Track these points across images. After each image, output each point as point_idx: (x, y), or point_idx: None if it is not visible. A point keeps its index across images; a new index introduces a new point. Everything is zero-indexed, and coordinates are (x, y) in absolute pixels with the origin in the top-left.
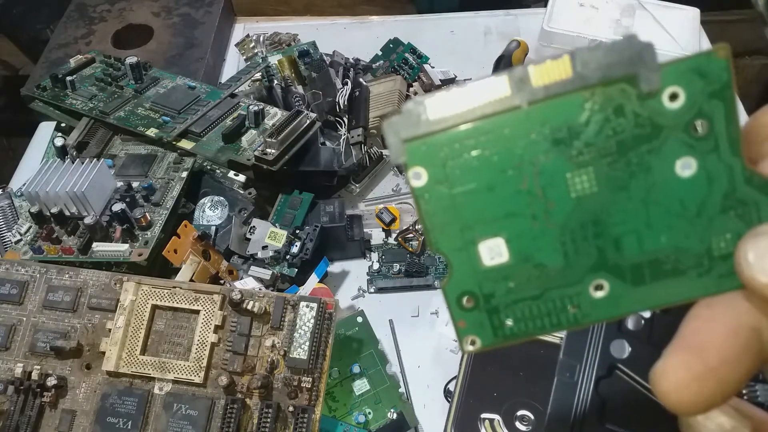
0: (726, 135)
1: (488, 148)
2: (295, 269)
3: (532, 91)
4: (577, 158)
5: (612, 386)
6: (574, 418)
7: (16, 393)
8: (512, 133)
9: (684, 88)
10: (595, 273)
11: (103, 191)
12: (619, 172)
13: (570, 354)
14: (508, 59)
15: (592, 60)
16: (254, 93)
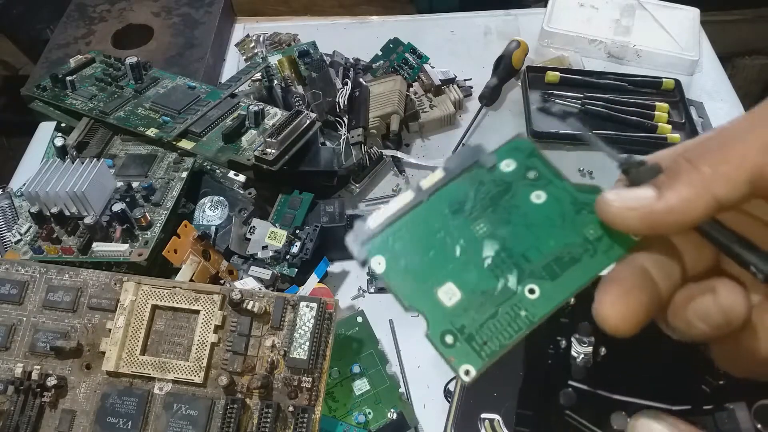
0: (550, 172)
1: (415, 229)
2: (295, 269)
3: (427, 191)
4: (470, 215)
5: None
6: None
7: (16, 393)
8: (426, 216)
9: (512, 158)
10: (522, 282)
11: (103, 191)
12: (500, 214)
13: (524, 407)
14: (508, 59)
15: (453, 161)
16: (254, 93)
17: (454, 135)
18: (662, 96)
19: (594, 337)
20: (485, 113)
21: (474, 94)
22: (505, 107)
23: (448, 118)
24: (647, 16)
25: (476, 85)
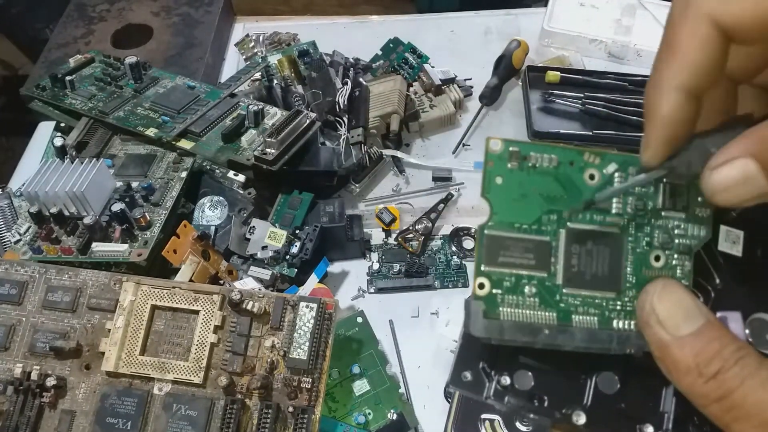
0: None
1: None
2: (294, 269)
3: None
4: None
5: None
6: (487, 351)
7: (16, 393)
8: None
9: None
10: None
11: (103, 191)
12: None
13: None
14: (508, 59)
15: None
16: (254, 93)
17: (454, 135)
18: None
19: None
20: (485, 113)
21: (474, 94)
22: (506, 107)
23: (448, 118)
24: (648, 16)
25: (476, 85)
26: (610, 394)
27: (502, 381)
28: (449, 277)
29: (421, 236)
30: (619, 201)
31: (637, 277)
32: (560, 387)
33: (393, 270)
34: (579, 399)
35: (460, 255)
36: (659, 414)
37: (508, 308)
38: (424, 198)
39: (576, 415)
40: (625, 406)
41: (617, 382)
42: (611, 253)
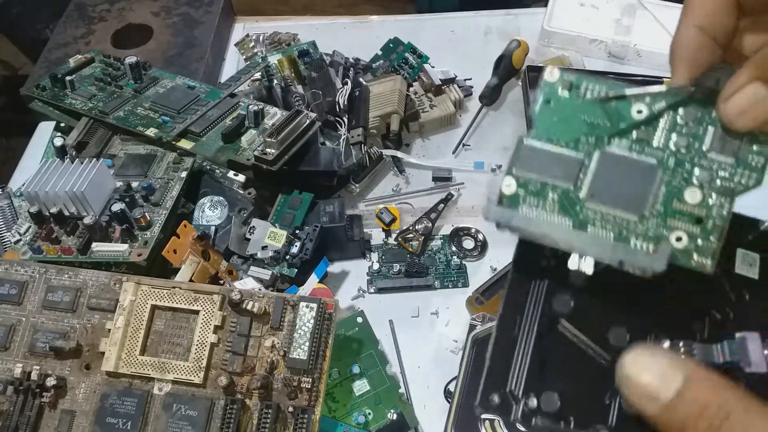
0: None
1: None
2: (294, 269)
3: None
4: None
5: (554, 342)
6: (513, 373)
7: (16, 393)
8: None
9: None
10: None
11: (103, 191)
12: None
13: (511, 306)
14: (508, 59)
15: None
16: (254, 93)
17: (454, 135)
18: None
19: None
20: (485, 113)
21: (474, 94)
22: (506, 107)
23: (448, 118)
24: (648, 16)
25: (476, 85)
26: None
27: (529, 403)
28: (449, 277)
29: (421, 236)
30: (662, 135)
31: (665, 207)
32: (586, 407)
33: (393, 270)
34: (604, 419)
35: (460, 255)
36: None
37: (528, 207)
38: (424, 198)
39: None
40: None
41: None
42: (643, 180)
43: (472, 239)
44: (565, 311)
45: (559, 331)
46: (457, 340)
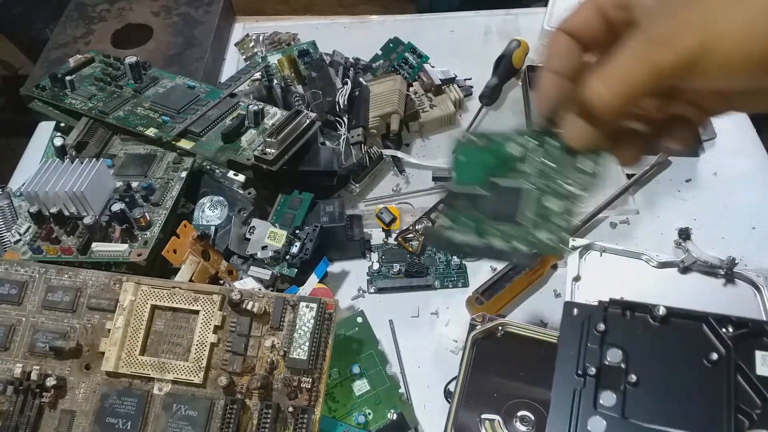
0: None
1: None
2: (294, 269)
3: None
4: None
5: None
6: None
7: (16, 393)
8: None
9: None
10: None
11: (103, 191)
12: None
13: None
14: (508, 59)
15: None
16: (254, 92)
17: (454, 135)
18: None
19: (624, 363)
20: (485, 113)
21: (474, 94)
22: (506, 107)
23: (448, 118)
24: None
25: (476, 85)
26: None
27: None
28: (449, 277)
29: (421, 236)
30: (529, 163)
31: (533, 215)
32: None
33: (393, 270)
34: None
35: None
36: None
37: (455, 233)
38: (424, 198)
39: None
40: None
41: None
42: (515, 199)
43: None
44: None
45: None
46: (457, 340)
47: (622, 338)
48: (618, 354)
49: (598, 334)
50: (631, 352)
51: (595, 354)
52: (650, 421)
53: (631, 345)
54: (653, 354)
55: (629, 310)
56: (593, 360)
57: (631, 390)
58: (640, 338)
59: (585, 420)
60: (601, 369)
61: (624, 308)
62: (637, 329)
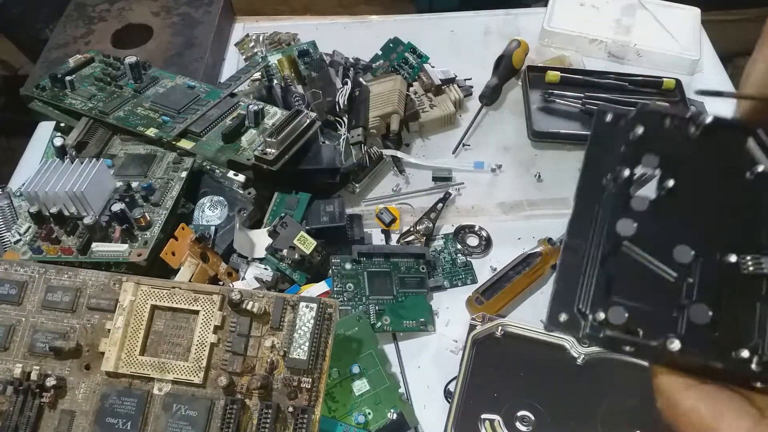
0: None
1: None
2: (305, 277)
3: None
4: None
5: (619, 262)
6: (581, 294)
7: (15, 393)
8: None
9: None
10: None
11: (103, 191)
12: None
13: (574, 236)
14: (508, 59)
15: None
16: (254, 92)
17: (454, 135)
18: (663, 95)
19: (660, 168)
20: (485, 113)
21: (474, 94)
22: (506, 107)
23: (448, 118)
24: (648, 16)
25: (476, 85)
26: (703, 324)
27: (597, 317)
28: (457, 275)
29: (422, 237)
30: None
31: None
32: (653, 320)
33: None
34: (673, 330)
35: (466, 252)
36: (754, 339)
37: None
38: (424, 198)
39: (670, 342)
40: (719, 335)
41: (709, 312)
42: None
43: (476, 236)
44: (629, 234)
45: (624, 252)
46: (457, 340)
47: (658, 145)
48: (654, 159)
49: (634, 138)
50: (669, 159)
51: (629, 157)
52: (686, 225)
53: (669, 152)
54: (692, 164)
55: (669, 118)
56: (627, 163)
57: (665, 198)
58: (679, 146)
59: (614, 222)
60: (635, 174)
61: (663, 116)
62: (675, 137)
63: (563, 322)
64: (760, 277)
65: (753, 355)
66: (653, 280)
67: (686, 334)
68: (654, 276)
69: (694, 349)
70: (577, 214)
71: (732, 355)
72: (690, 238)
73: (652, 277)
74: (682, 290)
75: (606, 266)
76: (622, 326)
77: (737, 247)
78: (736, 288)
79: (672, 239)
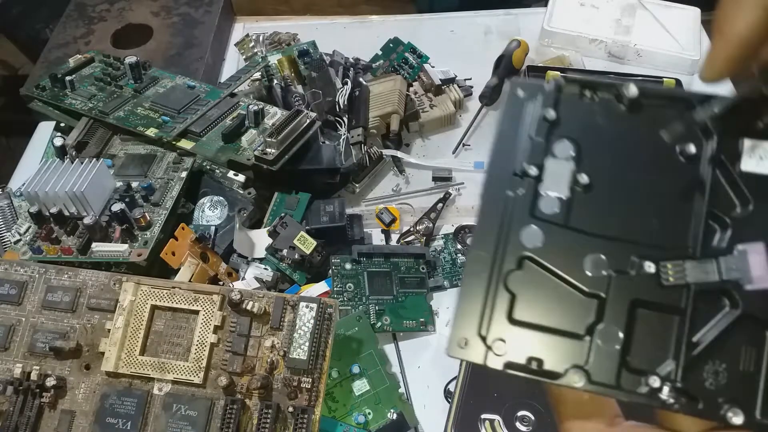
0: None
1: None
2: (305, 276)
3: None
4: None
5: (523, 279)
6: (483, 315)
7: (15, 393)
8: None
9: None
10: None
11: (103, 191)
12: None
13: (480, 245)
14: (508, 59)
15: None
16: (254, 92)
17: (454, 135)
18: None
19: (574, 161)
20: (485, 113)
21: (474, 94)
22: None
23: (448, 118)
24: (648, 16)
25: (476, 85)
26: (612, 350)
27: (495, 346)
28: (458, 275)
29: (422, 237)
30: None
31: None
32: (558, 348)
33: None
34: (580, 358)
35: (466, 252)
36: (667, 363)
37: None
38: (424, 198)
39: (574, 374)
40: (630, 360)
41: (620, 335)
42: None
43: None
44: (536, 245)
45: (530, 266)
46: None
47: (576, 128)
48: (568, 148)
49: (546, 123)
50: (586, 145)
51: (539, 149)
52: (600, 229)
53: (587, 137)
54: (614, 148)
55: (590, 90)
56: (536, 156)
57: (580, 194)
58: (600, 128)
59: (518, 230)
60: (545, 168)
61: (583, 87)
62: (596, 116)
63: (463, 348)
64: (682, 287)
65: (664, 383)
66: (561, 299)
67: (594, 363)
68: (563, 293)
69: (600, 381)
70: (483, 219)
71: (641, 385)
72: (605, 245)
73: (560, 295)
74: (592, 309)
75: (510, 283)
76: (523, 356)
77: (658, 251)
78: (654, 302)
79: (585, 247)
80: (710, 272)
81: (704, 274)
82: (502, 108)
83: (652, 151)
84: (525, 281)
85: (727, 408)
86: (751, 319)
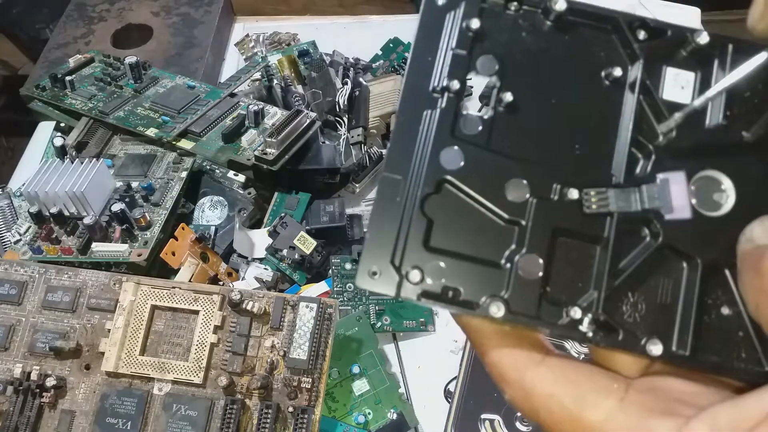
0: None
1: None
2: (305, 277)
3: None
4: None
5: (441, 203)
6: (396, 243)
7: (15, 393)
8: None
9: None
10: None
11: (103, 191)
12: None
13: (392, 168)
14: None
15: None
16: (254, 92)
17: None
18: None
19: (498, 77)
20: None
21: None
22: None
23: None
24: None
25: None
26: (533, 279)
27: (410, 274)
28: None
29: None
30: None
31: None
32: (477, 277)
33: None
34: (498, 288)
35: None
36: (589, 293)
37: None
38: None
39: (493, 303)
40: (551, 290)
41: (540, 262)
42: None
43: None
44: (455, 167)
45: (448, 191)
46: (457, 340)
47: (500, 42)
48: (492, 64)
49: (469, 35)
50: (510, 62)
51: (461, 63)
52: (523, 153)
53: (512, 52)
54: (539, 66)
55: (516, 2)
56: (458, 71)
57: (502, 114)
58: (525, 43)
59: (437, 152)
60: (467, 85)
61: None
62: (521, 31)
63: (375, 279)
64: (604, 215)
65: (585, 315)
66: (481, 225)
67: (513, 293)
68: (482, 219)
69: (519, 311)
70: (397, 139)
71: (561, 317)
72: (527, 170)
73: (479, 221)
74: (512, 236)
75: (426, 208)
76: (441, 286)
77: (582, 177)
78: (576, 231)
79: (507, 172)
80: (633, 201)
81: (626, 203)
82: (418, 18)
83: (578, 73)
84: (443, 206)
85: (646, 340)
86: (670, 249)
